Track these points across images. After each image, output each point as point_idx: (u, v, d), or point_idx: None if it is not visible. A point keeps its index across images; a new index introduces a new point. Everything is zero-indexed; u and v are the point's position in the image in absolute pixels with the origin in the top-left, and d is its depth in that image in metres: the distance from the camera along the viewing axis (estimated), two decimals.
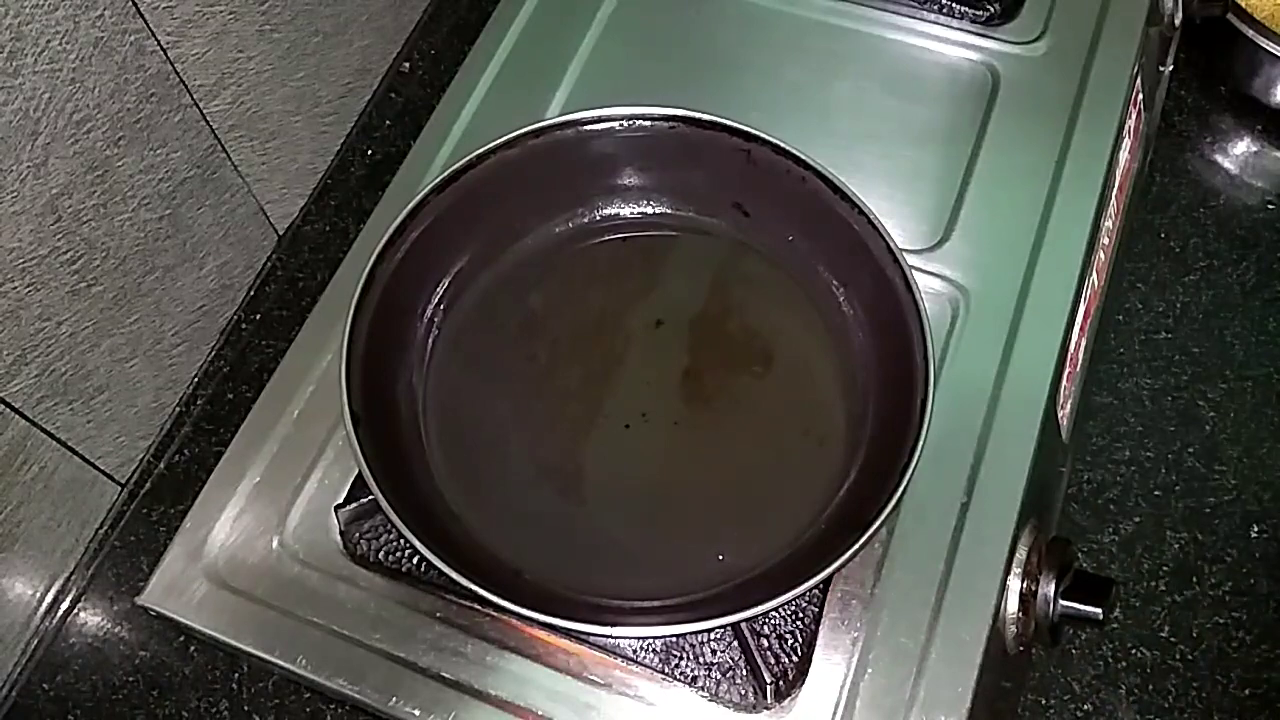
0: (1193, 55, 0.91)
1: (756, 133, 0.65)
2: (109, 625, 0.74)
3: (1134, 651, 0.71)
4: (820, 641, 0.58)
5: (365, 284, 0.61)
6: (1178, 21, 0.84)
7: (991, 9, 0.78)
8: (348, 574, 0.61)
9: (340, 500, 0.62)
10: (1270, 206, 0.87)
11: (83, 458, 0.73)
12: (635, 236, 0.71)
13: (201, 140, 0.75)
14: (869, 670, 0.57)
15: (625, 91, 0.74)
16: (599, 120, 0.67)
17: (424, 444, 0.64)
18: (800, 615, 0.59)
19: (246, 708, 0.71)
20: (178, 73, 0.71)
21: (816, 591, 0.59)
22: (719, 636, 0.58)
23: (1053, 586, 0.59)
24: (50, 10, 0.60)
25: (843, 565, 0.54)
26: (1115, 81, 0.74)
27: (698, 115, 0.66)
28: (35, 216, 0.64)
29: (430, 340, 0.67)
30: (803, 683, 0.57)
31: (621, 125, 0.67)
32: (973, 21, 0.78)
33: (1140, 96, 0.78)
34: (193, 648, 0.73)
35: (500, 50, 0.78)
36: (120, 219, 0.70)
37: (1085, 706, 0.70)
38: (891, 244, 0.61)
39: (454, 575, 0.53)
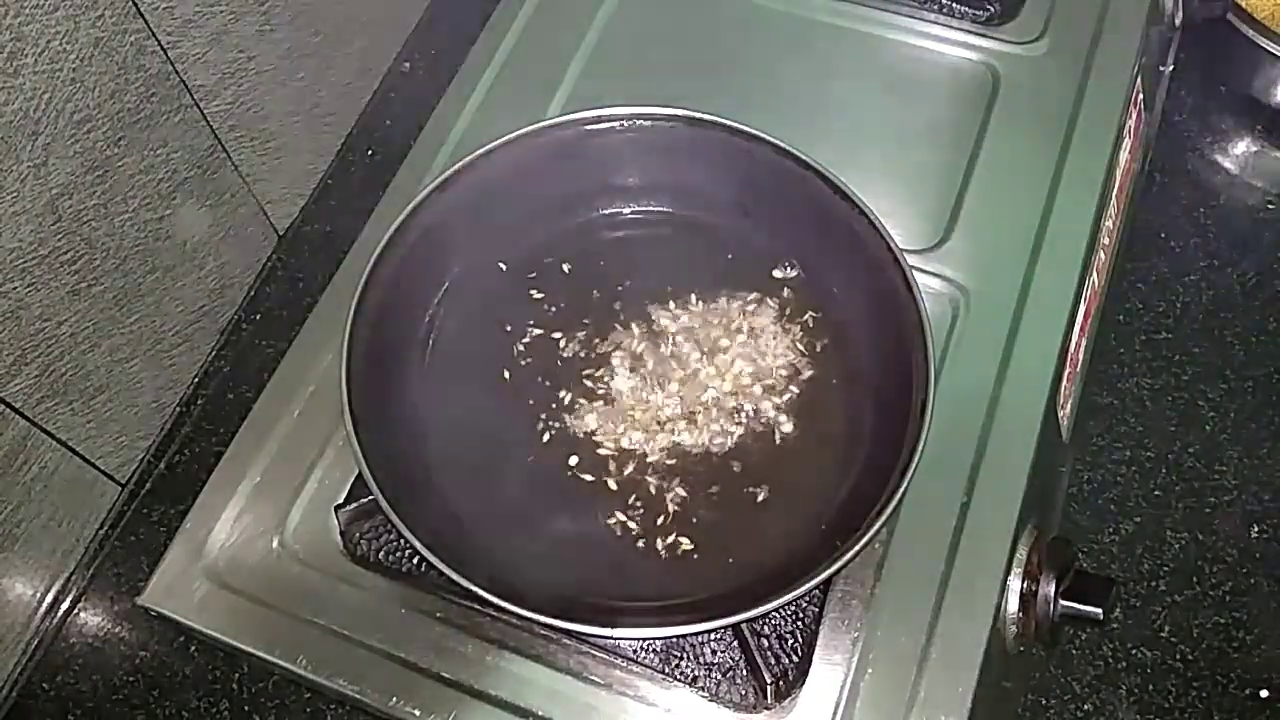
0: (1193, 55, 0.91)
1: (756, 133, 0.65)
2: (109, 625, 0.74)
3: (1134, 651, 0.71)
4: (820, 641, 0.58)
5: (365, 284, 0.61)
6: (1178, 21, 0.84)
7: (991, 9, 0.78)
8: (348, 574, 0.61)
9: (340, 500, 0.62)
10: (1270, 206, 0.87)
11: (83, 458, 0.73)
12: (635, 236, 0.71)
13: (202, 140, 0.75)
14: (869, 670, 0.57)
15: (625, 91, 0.74)
16: (599, 120, 0.67)
17: (424, 444, 0.64)
18: (800, 615, 0.59)
19: (246, 708, 0.70)
20: (178, 73, 0.71)
21: (816, 591, 0.59)
22: (719, 637, 0.58)
23: (1053, 586, 0.59)
24: (50, 10, 0.60)
25: (843, 565, 0.54)
26: (1115, 81, 0.74)
27: (698, 115, 0.66)
28: (35, 216, 0.64)
29: (430, 340, 0.67)
30: (803, 683, 0.57)
31: (622, 125, 0.67)
32: (973, 21, 0.78)
33: (1140, 96, 0.78)
34: (193, 648, 0.72)
35: (500, 50, 0.78)
36: (120, 219, 0.70)
37: (1085, 706, 0.70)
38: (891, 244, 0.61)
39: (454, 576, 0.53)
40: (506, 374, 0.66)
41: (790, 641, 0.58)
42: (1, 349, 0.65)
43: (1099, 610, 0.58)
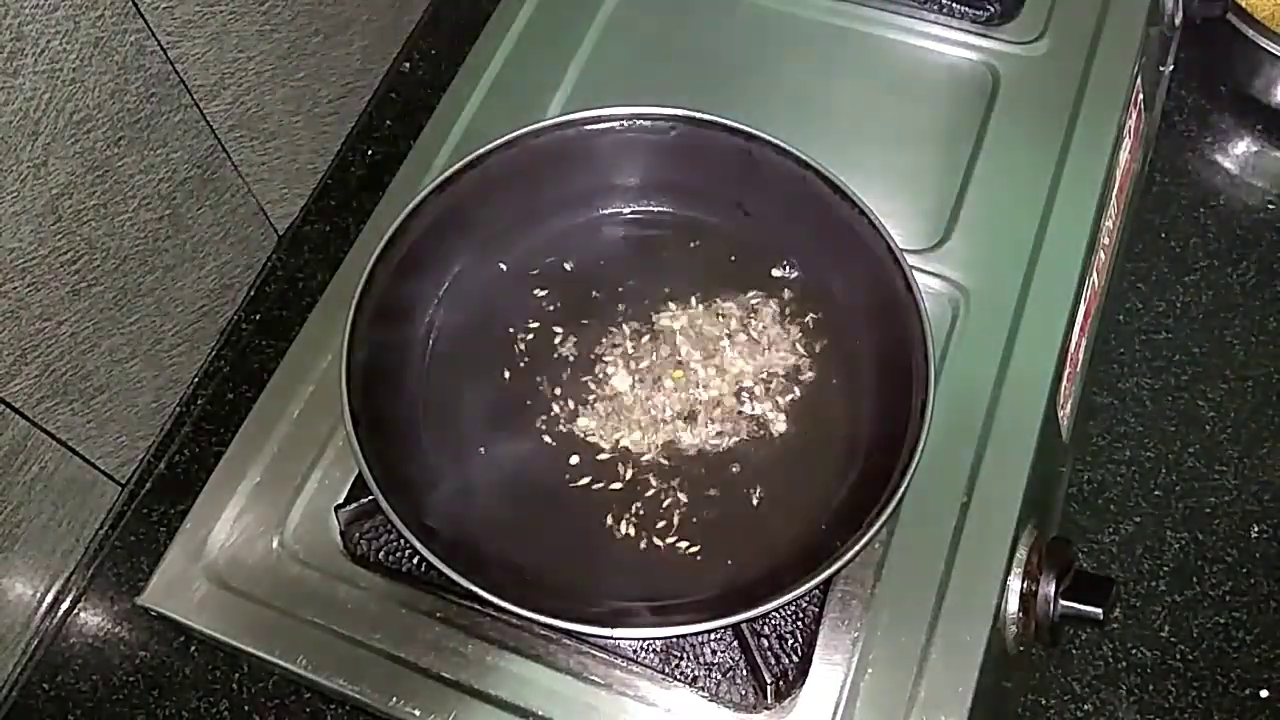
0: (1193, 55, 0.91)
1: (756, 133, 0.65)
2: (109, 625, 0.74)
3: (1134, 651, 0.71)
4: (820, 641, 0.58)
5: (365, 284, 0.61)
6: (1178, 21, 0.84)
7: (991, 9, 0.78)
8: (348, 574, 0.61)
9: (340, 500, 0.62)
10: (1270, 206, 0.87)
11: (83, 458, 0.73)
12: (635, 236, 0.71)
13: (202, 140, 0.75)
14: (869, 670, 0.57)
15: (625, 91, 0.74)
16: (599, 120, 0.67)
17: (424, 444, 0.64)
18: (800, 615, 0.59)
19: (246, 708, 0.71)
20: (178, 73, 0.71)
21: (816, 591, 0.59)
22: (719, 637, 0.58)
23: (1053, 586, 0.59)
24: (50, 10, 0.60)
25: (843, 566, 0.54)
26: (1115, 81, 0.74)
27: (698, 115, 0.66)
28: (35, 216, 0.64)
29: (430, 340, 0.67)
30: (803, 683, 0.57)
31: (621, 125, 0.67)
32: (973, 21, 0.78)
33: (1140, 96, 0.78)
34: (193, 648, 0.73)
35: (500, 50, 0.78)
36: (120, 219, 0.70)
37: (1085, 706, 0.70)
38: (892, 244, 0.61)
39: (454, 576, 0.53)
40: (506, 374, 0.66)
41: (790, 641, 0.58)
42: (1, 349, 0.65)
43: (1099, 610, 0.58)
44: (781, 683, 0.57)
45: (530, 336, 0.67)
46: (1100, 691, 0.70)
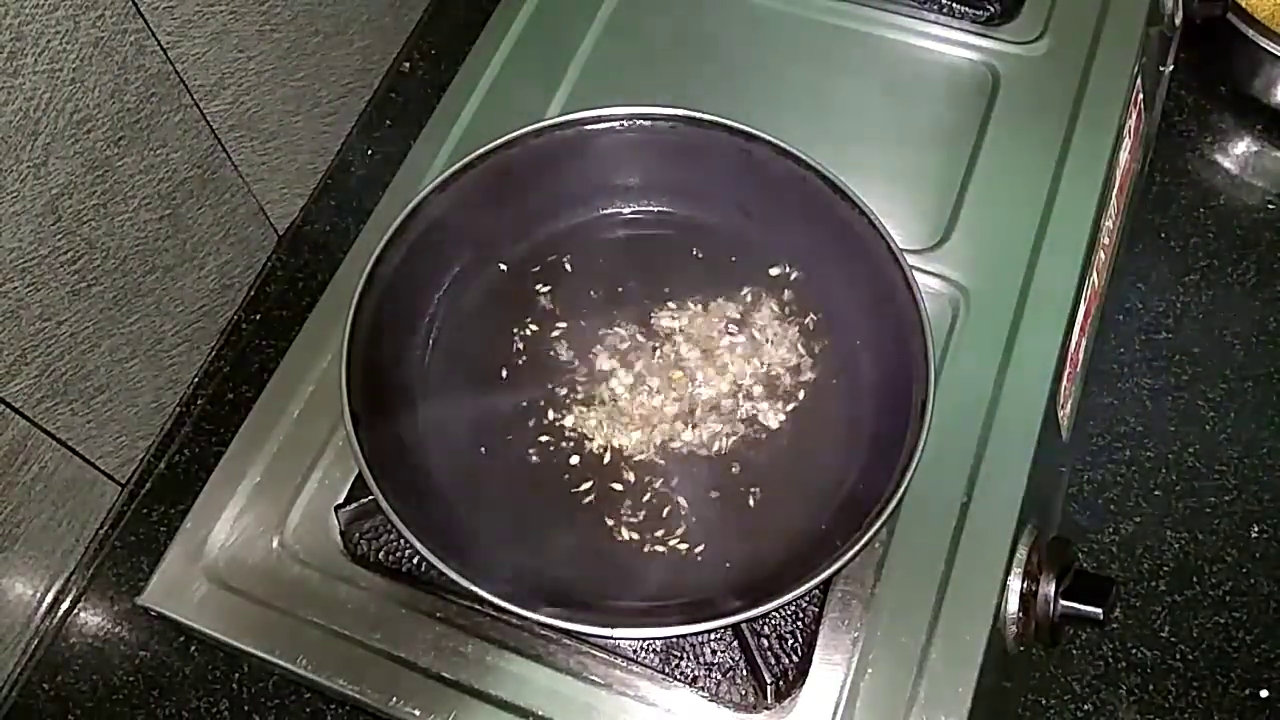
0: (1193, 55, 0.91)
1: (756, 133, 0.65)
2: (109, 625, 0.74)
3: (1134, 651, 0.71)
4: (820, 641, 0.58)
5: (365, 284, 0.61)
6: (1178, 21, 0.84)
7: (991, 9, 0.78)
8: (348, 574, 0.61)
9: (340, 500, 0.63)
10: (1270, 206, 0.87)
11: (83, 458, 0.73)
12: (635, 236, 0.71)
13: (201, 140, 0.75)
14: (869, 670, 0.57)
15: (625, 91, 0.74)
16: (599, 120, 0.67)
17: (424, 443, 0.64)
18: (800, 615, 0.59)
19: (246, 708, 0.71)
20: (178, 73, 0.71)
21: (816, 591, 0.59)
22: (719, 637, 0.58)
23: (1053, 586, 0.59)
24: (50, 10, 0.60)
25: (843, 566, 0.54)
26: (1115, 81, 0.74)
27: (698, 115, 0.66)
28: (35, 216, 0.64)
29: (430, 340, 0.67)
30: (803, 683, 0.57)
31: (621, 125, 0.67)
32: (973, 21, 0.78)
33: (1140, 96, 0.78)
34: (193, 648, 0.73)
35: (500, 50, 0.78)
36: (120, 219, 0.70)
37: (1085, 706, 0.70)
38: (892, 244, 0.61)
39: (454, 575, 0.53)
40: (505, 374, 0.66)
41: (790, 641, 0.58)
42: (1, 349, 0.65)
43: (1099, 610, 0.58)
44: (781, 683, 0.57)
45: (530, 337, 0.67)
46: (1100, 691, 0.70)
